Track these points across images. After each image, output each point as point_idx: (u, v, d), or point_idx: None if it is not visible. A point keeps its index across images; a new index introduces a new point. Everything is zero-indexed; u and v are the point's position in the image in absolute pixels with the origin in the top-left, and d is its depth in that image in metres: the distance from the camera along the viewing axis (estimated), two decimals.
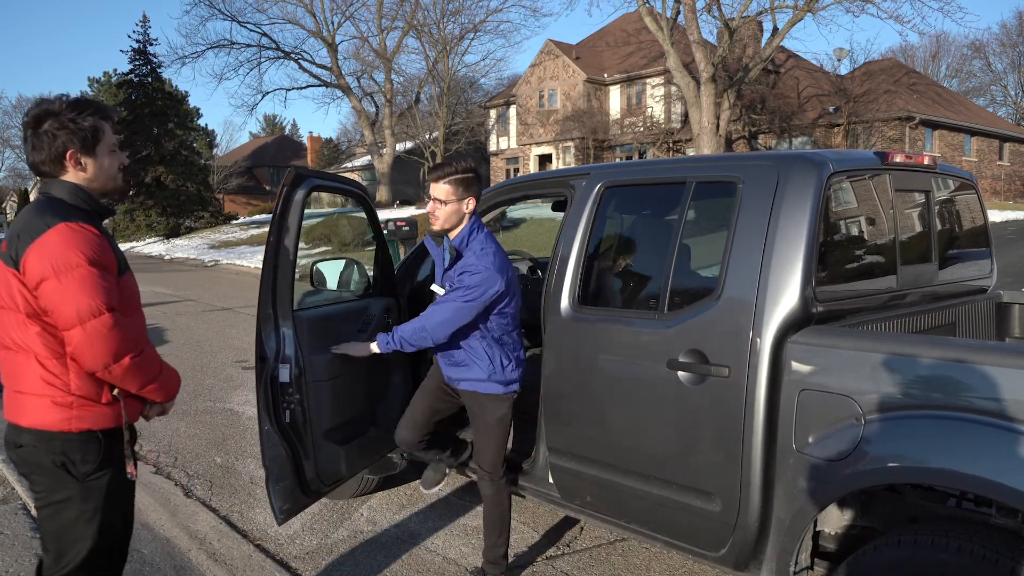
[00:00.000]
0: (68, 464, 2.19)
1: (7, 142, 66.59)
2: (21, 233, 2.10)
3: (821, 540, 2.72)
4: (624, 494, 3.06)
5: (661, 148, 31.57)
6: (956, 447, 2.19)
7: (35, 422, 2.17)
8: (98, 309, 2.07)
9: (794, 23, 23.65)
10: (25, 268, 2.08)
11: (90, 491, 2.22)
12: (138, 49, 36.86)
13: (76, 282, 2.06)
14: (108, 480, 2.25)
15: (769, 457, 2.58)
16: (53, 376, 2.15)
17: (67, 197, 2.20)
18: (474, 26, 35.95)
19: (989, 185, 31.02)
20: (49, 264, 2.05)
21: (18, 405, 2.20)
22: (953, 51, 50.47)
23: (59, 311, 2.07)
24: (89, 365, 2.11)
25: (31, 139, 2.20)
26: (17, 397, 2.20)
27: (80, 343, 2.07)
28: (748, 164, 2.88)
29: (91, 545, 2.24)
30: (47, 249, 2.06)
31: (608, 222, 3.39)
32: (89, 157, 2.22)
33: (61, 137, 2.17)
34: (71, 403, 2.16)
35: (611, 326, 3.11)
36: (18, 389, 2.20)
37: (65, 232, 2.08)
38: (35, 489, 2.25)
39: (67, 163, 2.19)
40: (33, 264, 2.06)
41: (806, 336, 2.57)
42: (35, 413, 2.17)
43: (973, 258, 3.71)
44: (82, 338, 2.07)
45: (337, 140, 57.55)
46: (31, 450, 2.19)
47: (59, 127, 2.17)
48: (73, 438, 2.18)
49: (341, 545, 3.88)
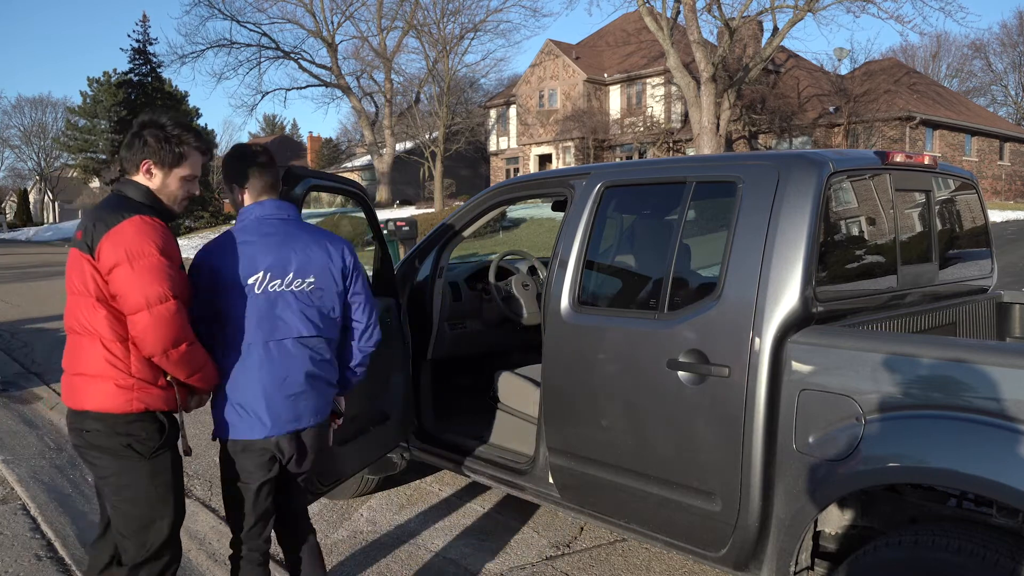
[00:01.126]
0: (134, 443, 2.33)
1: (7, 142, 66.63)
2: (97, 223, 2.28)
3: (821, 540, 2.71)
4: (624, 494, 3.05)
5: (661, 148, 31.57)
6: (956, 447, 2.19)
7: (99, 405, 2.30)
8: (165, 295, 2.25)
9: (794, 23, 23.65)
10: (100, 254, 2.25)
11: (157, 468, 2.38)
12: (138, 49, 36.91)
13: (147, 269, 2.24)
14: (171, 458, 2.42)
15: (769, 457, 2.58)
16: (116, 359, 2.29)
17: (137, 196, 2.41)
18: (474, 26, 35.94)
19: (989, 185, 31.02)
20: (123, 251, 2.24)
21: (79, 389, 2.32)
22: (953, 51, 50.48)
23: (128, 295, 2.24)
24: (150, 349, 2.27)
25: (130, 135, 2.45)
26: (78, 381, 2.32)
27: (146, 326, 2.24)
28: (748, 164, 2.88)
29: (172, 519, 2.42)
30: (122, 237, 2.25)
31: (608, 222, 3.39)
32: (160, 172, 2.45)
33: (149, 147, 2.42)
34: (132, 385, 2.30)
35: (611, 326, 3.11)
36: (80, 372, 2.32)
37: (139, 223, 2.28)
38: (103, 474, 2.37)
39: (141, 169, 2.44)
40: (108, 251, 2.24)
41: (806, 336, 2.57)
42: (99, 396, 2.29)
43: (974, 258, 3.71)
44: (148, 322, 2.23)
45: (337, 140, 57.54)
46: (96, 434, 2.32)
47: (152, 138, 2.42)
48: (135, 418, 2.32)
49: (341, 545, 3.88)
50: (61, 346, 2.47)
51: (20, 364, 8.20)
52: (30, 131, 65.36)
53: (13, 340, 9.61)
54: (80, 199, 66.20)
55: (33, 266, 23.08)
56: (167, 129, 2.44)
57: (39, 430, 5.83)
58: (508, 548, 3.81)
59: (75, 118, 53.17)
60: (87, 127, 52.24)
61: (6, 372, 7.79)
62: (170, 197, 2.49)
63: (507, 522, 4.11)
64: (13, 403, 6.63)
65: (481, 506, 4.34)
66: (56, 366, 8.65)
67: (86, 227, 2.31)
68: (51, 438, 5.63)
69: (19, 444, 5.45)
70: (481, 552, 3.77)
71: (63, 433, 5.75)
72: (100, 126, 49.70)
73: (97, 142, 49.97)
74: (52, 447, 5.42)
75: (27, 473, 4.84)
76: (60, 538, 3.90)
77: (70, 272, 2.33)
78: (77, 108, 52.95)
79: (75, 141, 53.06)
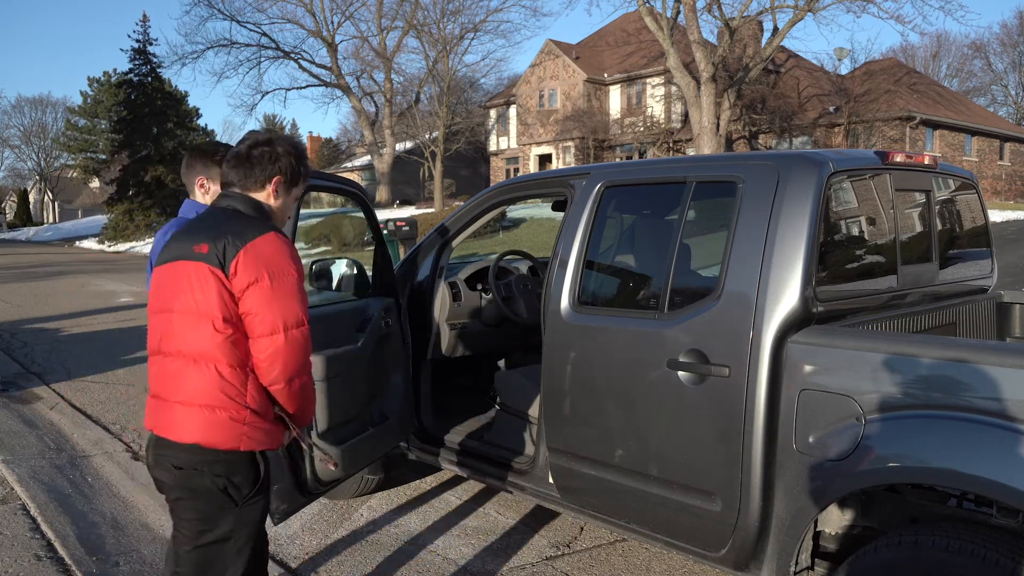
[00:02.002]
0: (230, 487, 2.09)
1: (7, 142, 66.64)
2: (230, 235, 2.07)
3: (821, 540, 2.71)
4: (624, 494, 3.05)
5: (661, 148, 31.57)
6: (956, 447, 2.19)
7: (207, 438, 2.06)
8: (301, 319, 2.10)
9: (794, 23, 23.67)
10: (236, 269, 2.05)
11: (244, 518, 2.16)
12: (138, 49, 36.88)
13: (287, 288, 2.08)
14: (261, 507, 2.20)
15: (769, 457, 2.58)
16: (232, 387, 2.06)
17: (255, 213, 2.23)
18: (474, 26, 35.94)
19: (990, 185, 31.01)
20: (265, 267, 2.06)
21: (178, 419, 2.07)
22: (954, 51, 50.51)
23: (264, 315, 2.05)
24: (276, 375, 2.08)
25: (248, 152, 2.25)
26: (180, 410, 2.07)
27: (277, 350, 2.06)
28: (748, 164, 2.88)
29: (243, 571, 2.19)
30: (264, 253, 2.07)
31: (608, 222, 3.39)
32: (285, 191, 2.30)
33: (282, 162, 2.26)
34: (245, 418, 2.08)
35: (611, 326, 3.10)
36: (183, 400, 2.07)
37: (278, 239, 2.12)
38: (184, 516, 2.15)
39: (269, 186, 2.26)
40: (247, 266, 2.05)
41: (806, 336, 2.57)
42: (204, 428, 2.05)
43: (974, 258, 3.71)
44: (281, 345, 2.06)
45: (337, 140, 57.59)
46: (191, 472, 2.08)
47: (284, 153, 2.27)
48: (240, 458, 2.10)
49: (341, 545, 3.88)
50: (61, 346, 2.44)
51: (20, 364, 8.20)
52: (30, 131, 65.40)
53: (13, 340, 9.61)
54: (80, 199, 66.25)
55: (33, 266, 23.08)
56: (299, 147, 2.32)
57: (39, 430, 5.83)
58: (508, 548, 3.81)
59: (75, 118, 53.21)
60: (87, 127, 52.27)
61: (6, 372, 7.79)
62: (282, 218, 2.33)
63: (507, 522, 4.11)
64: (13, 403, 6.63)
65: (481, 506, 4.34)
66: (56, 366, 8.65)
67: (211, 240, 2.08)
68: (51, 438, 5.63)
69: (19, 444, 5.45)
70: (481, 552, 3.77)
71: (63, 433, 5.75)
72: (100, 126, 49.75)
73: (97, 142, 50.01)
74: (52, 447, 5.41)
75: (27, 473, 4.84)
76: (60, 538, 3.90)
77: (185, 289, 2.08)
78: (77, 108, 53.01)
79: (75, 141, 53.11)
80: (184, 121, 40.69)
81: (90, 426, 5.89)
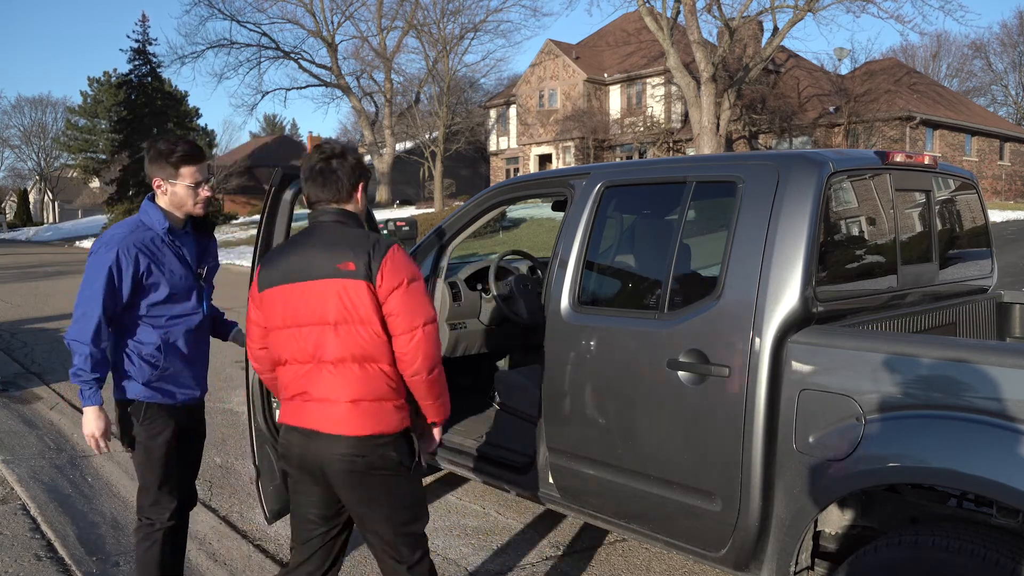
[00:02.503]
0: (403, 459, 2.44)
1: (7, 142, 66.63)
2: (370, 251, 2.36)
3: (821, 540, 2.71)
4: (624, 494, 3.05)
5: (661, 148, 31.57)
6: (957, 447, 2.19)
7: (386, 427, 2.38)
8: (432, 316, 2.40)
9: (794, 23, 23.67)
10: (382, 279, 2.34)
11: (415, 478, 2.53)
12: (137, 49, 36.91)
13: (420, 291, 2.40)
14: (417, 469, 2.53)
15: (769, 457, 2.58)
16: (393, 381, 2.40)
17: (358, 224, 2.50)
18: (474, 26, 35.95)
19: (990, 185, 31.02)
20: (404, 274, 2.36)
21: (365, 414, 2.36)
22: (954, 51, 50.49)
23: (406, 316, 2.35)
24: (417, 366, 2.37)
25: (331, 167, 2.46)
26: (363, 407, 2.36)
27: (418, 344, 2.36)
28: (748, 164, 2.88)
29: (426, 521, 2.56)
30: (400, 262, 2.38)
31: (608, 222, 3.39)
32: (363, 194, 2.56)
33: (359, 169, 2.52)
34: (401, 405, 2.43)
35: (611, 326, 3.10)
36: (360, 398, 2.36)
37: (401, 249, 2.43)
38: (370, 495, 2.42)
39: (356, 193, 2.52)
40: (390, 275, 2.34)
41: (806, 336, 2.57)
42: (386, 418, 2.38)
43: (974, 258, 3.71)
44: (421, 339, 2.36)
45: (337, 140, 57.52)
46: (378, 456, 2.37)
47: (356, 161, 2.52)
48: (402, 436, 2.44)
49: None
50: (61, 346, 2.46)
51: (20, 364, 8.20)
52: (30, 131, 65.36)
53: (13, 340, 9.61)
54: (80, 199, 66.23)
55: (33, 266, 23.09)
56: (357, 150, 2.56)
57: (39, 430, 5.83)
58: (508, 548, 3.81)
59: (75, 118, 53.20)
60: (87, 127, 52.26)
61: (6, 372, 7.79)
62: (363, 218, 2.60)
63: (507, 522, 4.11)
64: (13, 403, 6.63)
65: (481, 506, 4.34)
66: (56, 366, 8.66)
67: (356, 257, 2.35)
68: (51, 438, 5.63)
69: (19, 444, 5.45)
70: (481, 552, 3.77)
71: (63, 433, 5.75)
72: (100, 126, 49.73)
73: (97, 142, 50.00)
74: (52, 447, 5.42)
75: (27, 473, 4.84)
76: (60, 538, 3.90)
77: (345, 303, 2.34)
78: (77, 108, 53.00)
79: (75, 141, 53.09)
80: (184, 121, 40.71)
81: None
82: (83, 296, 2.70)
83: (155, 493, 2.85)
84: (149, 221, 2.82)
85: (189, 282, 2.87)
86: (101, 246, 2.74)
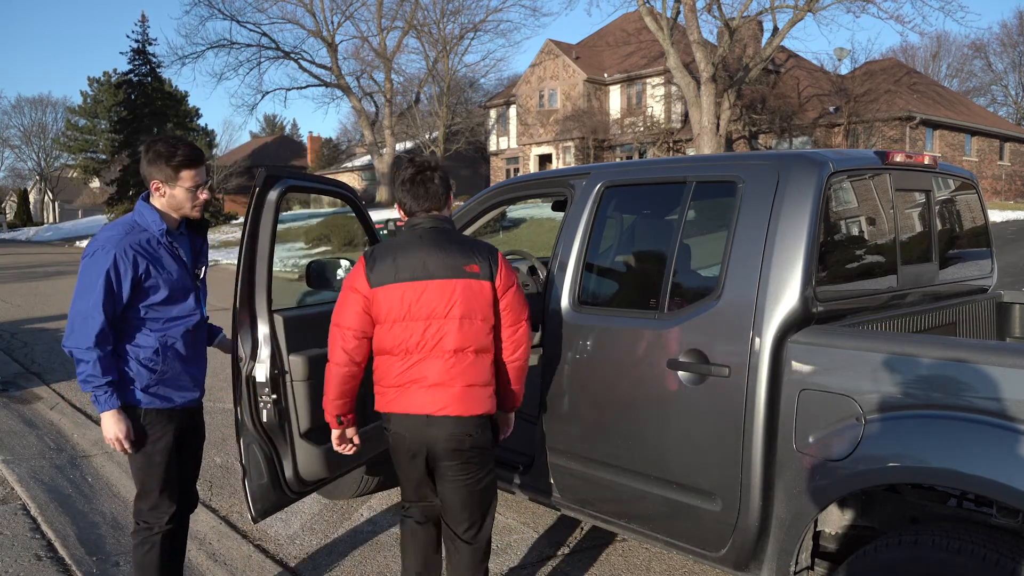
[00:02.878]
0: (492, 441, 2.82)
1: (7, 142, 66.62)
2: (488, 255, 2.74)
3: (821, 540, 2.72)
4: (624, 494, 3.05)
5: (661, 148, 31.57)
6: (957, 447, 2.19)
7: (488, 408, 2.75)
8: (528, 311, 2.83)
9: (794, 23, 23.67)
10: (500, 279, 2.74)
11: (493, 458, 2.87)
12: (137, 49, 36.92)
13: (522, 290, 2.82)
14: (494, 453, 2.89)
15: (769, 457, 2.58)
16: (492, 369, 2.77)
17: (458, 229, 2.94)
18: (474, 26, 36.00)
19: (989, 185, 31.02)
20: (514, 276, 2.80)
21: (474, 398, 2.71)
22: (953, 51, 50.50)
23: (517, 310, 2.78)
24: (521, 352, 2.81)
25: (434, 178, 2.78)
26: (474, 391, 2.70)
27: (522, 334, 2.79)
28: (748, 164, 2.88)
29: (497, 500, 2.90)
30: (509, 266, 2.79)
31: (608, 222, 3.39)
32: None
33: (449, 180, 2.84)
34: (494, 391, 2.79)
35: (611, 326, 3.11)
36: (473, 383, 2.70)
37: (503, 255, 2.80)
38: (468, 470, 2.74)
39: (451, 200, 2.86)
40: (507, 275, 2.76)
41: (806, 336, 2.57)
42: (487, 401, 2.74)
43: (974, 258, 3.71)
44: (524, 330, 2.79)
45: (337, 140, 57.55)
46: (481, 435, 2.74)
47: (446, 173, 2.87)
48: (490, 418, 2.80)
49: (341, 545, 3.88)
50: (61, 346, 2.43)
51: (20, 364, 8.20)
52: (30, 131, 65.35)
53: (13, 340, 9.61)
54: (80, 199, 66.23)
55: (33, 266, 23.08)
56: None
57: (39, 430, 5.83)
58: (508, 548, 3.81)
59: (75, 118, 53.19)
60: (87, 127, 52.24)
61: (6, 372, 7.79)
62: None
63: (507, 522, 4.11)
64: (13, 403, 6.63)
65: None
66: (56, 366, 8.67)
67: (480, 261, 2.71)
68: (51, 438, 5.64)
69: (19, 444, 5.45)
70: None
71: (63, 433, 5.75)
72: (100, 126, 49.71)
73: (97, 142, 49.97)
74: (52, 447, 5.42)
75: (27, 473, 4.84)
76: (60, 538, 3.90)
77: (471, 302, 2.67)
78: (77, 108, 52.98)
79: (75, 141, 53.07)
80: (184, 121, 40.69)
81: (90, 426, 5.88)
82: (81, 302, 2.67)
83: (155, 498, 2.84)
84: (144, 222, 2.77)
85: (186, 283, 2.86)
86: (97, 249, 2.69)
